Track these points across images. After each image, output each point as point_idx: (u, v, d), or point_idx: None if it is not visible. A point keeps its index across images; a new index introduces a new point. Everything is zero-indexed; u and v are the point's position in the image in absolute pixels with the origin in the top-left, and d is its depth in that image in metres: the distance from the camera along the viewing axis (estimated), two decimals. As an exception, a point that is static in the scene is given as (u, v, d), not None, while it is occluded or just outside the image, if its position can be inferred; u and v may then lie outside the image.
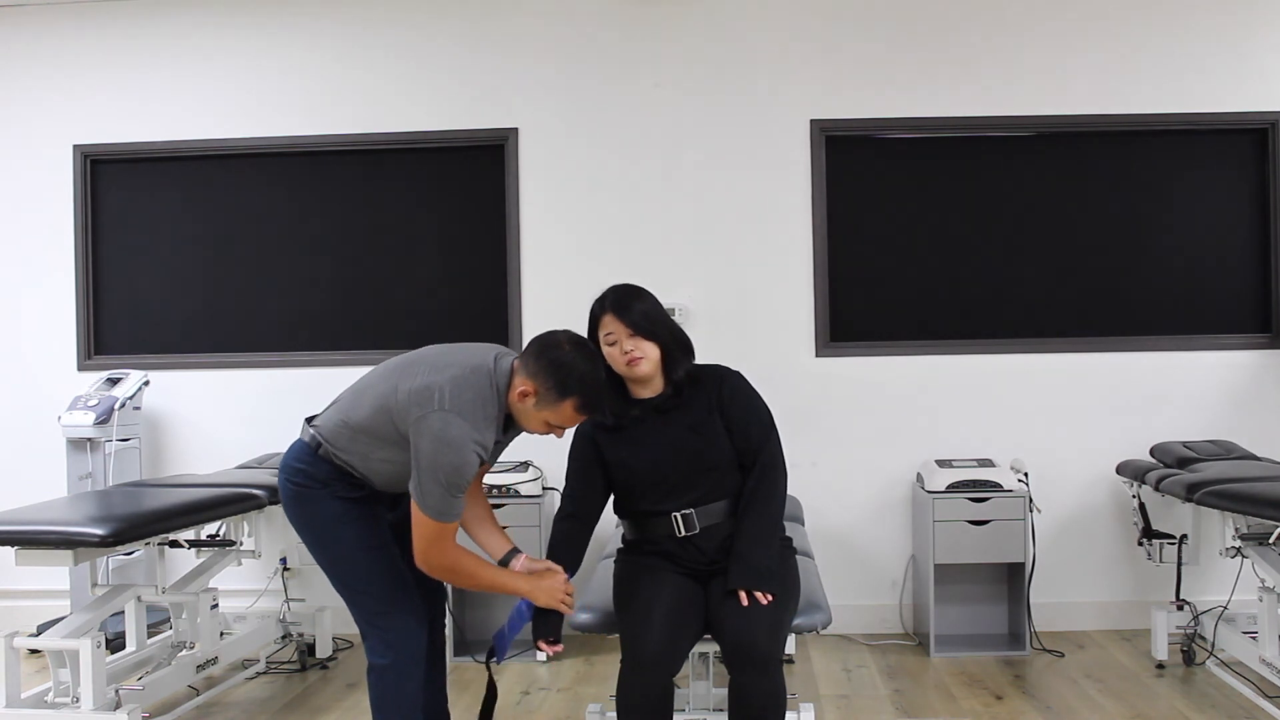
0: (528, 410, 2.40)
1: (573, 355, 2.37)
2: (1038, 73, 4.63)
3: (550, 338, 2.41)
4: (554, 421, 2.42)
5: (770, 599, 2.45)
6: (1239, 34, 4.60)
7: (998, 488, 4.15)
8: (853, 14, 4.69)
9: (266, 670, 4.11)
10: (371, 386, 2.49)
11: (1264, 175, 4.64)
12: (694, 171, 4.71)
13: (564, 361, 2.35)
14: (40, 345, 4.91)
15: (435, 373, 2.38)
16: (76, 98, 4.91)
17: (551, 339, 2.41)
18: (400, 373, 2.44)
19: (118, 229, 4.94)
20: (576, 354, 2.38)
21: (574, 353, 2.38)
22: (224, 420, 4.81)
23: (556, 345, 2.38)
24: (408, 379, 2.40)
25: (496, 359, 2.44)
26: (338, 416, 2.50)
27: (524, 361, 2.40)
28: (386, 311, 4.84)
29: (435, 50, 4.79)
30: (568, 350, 2.37)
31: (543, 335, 2.43)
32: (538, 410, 2.39)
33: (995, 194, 4.69)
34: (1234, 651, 3.68)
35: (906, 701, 3.68)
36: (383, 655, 2.52)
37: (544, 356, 2.37)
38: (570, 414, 2.40)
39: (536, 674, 4.05)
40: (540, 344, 2.41)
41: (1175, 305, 4.65)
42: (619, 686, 2.42)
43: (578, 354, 2.38)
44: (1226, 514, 3.56)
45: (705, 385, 2.64)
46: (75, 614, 3.33)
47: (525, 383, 2.38)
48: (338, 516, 2.49)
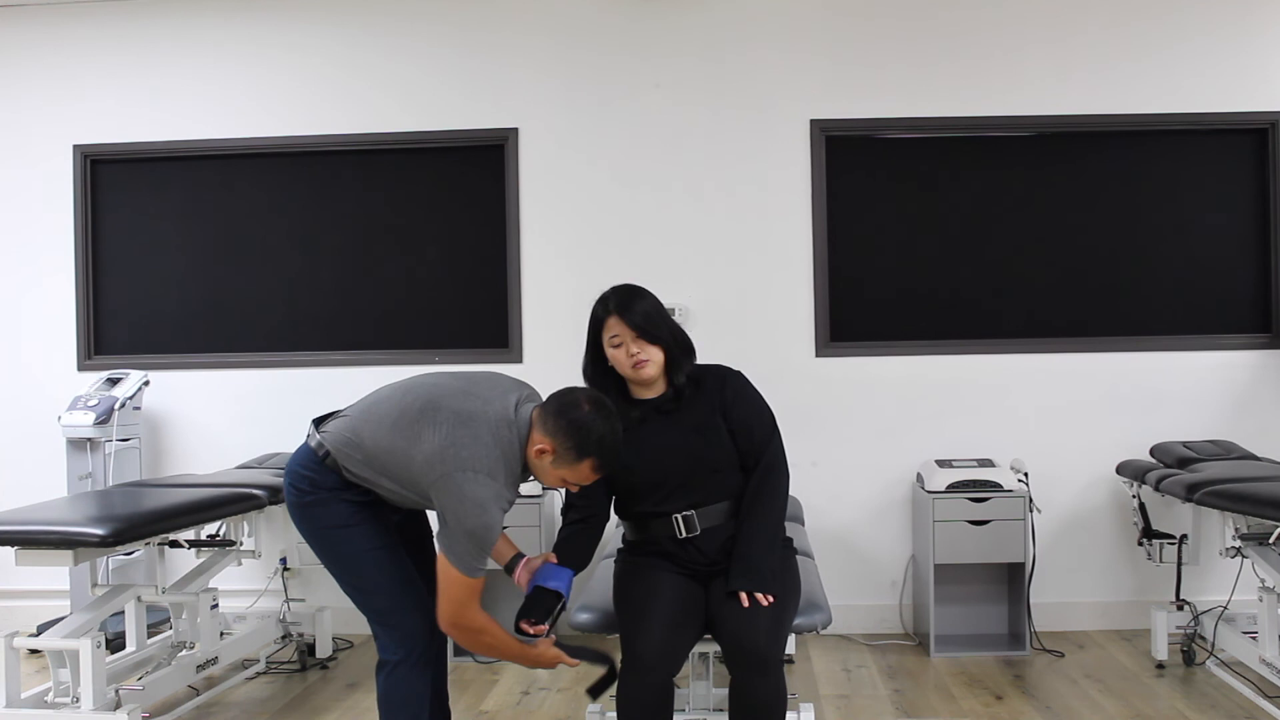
0: (544, 466, 2.40)
1: (592, 416, 2.35)
2: (1038, 73, 4.64)
3: (570, 396, 2.40)
4: (570, 479, 2.42)
5: (771, 600, 2.45)
6: (1239, 34, 4.60)
7: (998, 488, 4.15)
8: (853, 14, 4.69)
9: (266, 670, 4.11)
10: (390, 421, 2.43)
11: (1264, 175, 4.64)
12: (694, 171, 4.71)
13: (583, 423, 2.34)
14: (40, 345, 4.91)
15: (461, 426, 2.34)
16: (76, 98, 4.91)
17: (571, 398, 2.39)
18: (421, 417, 2.39)
19: (118, 229, 4.94)
20: (596, 415, 2.36)
21: (593, 413, 2.36)
22: (224, 420, 4.81)
23: (576, 405, 2.37)
24: (430, 428, 2.36)
25: (518, 407, 2.42)
26: (348, 434, 2.46)
27: (543, 419, 2.38)
28: (387, 311, 4.85)
29: (435, 51, 4.79)
30: (587, 410, 2.36)
31: (563, 393, 2.42)
32: (555, 468, 2.39)
33: (995, 194, 4.69)
34: (1234, 651, 3.68)
35: (906, 701, 3.68)
36: (393, 653, 2.53)
37: (563, 416, 2.35)
38: (587, 473, 2.40)
39: (536, 674, 4.05)
40: (560, 402, 2.39)
41: (1175, 305, 4.65)
42: (619, 686, 2.43)
43: (597, 414, 2.36)
44: (1226, 514, 3.56)
45: (707, 386, 2.63)
46: (75, 614, 3.33)
47: (544, 440, 2.37)
48: (344, 519, 2.48)
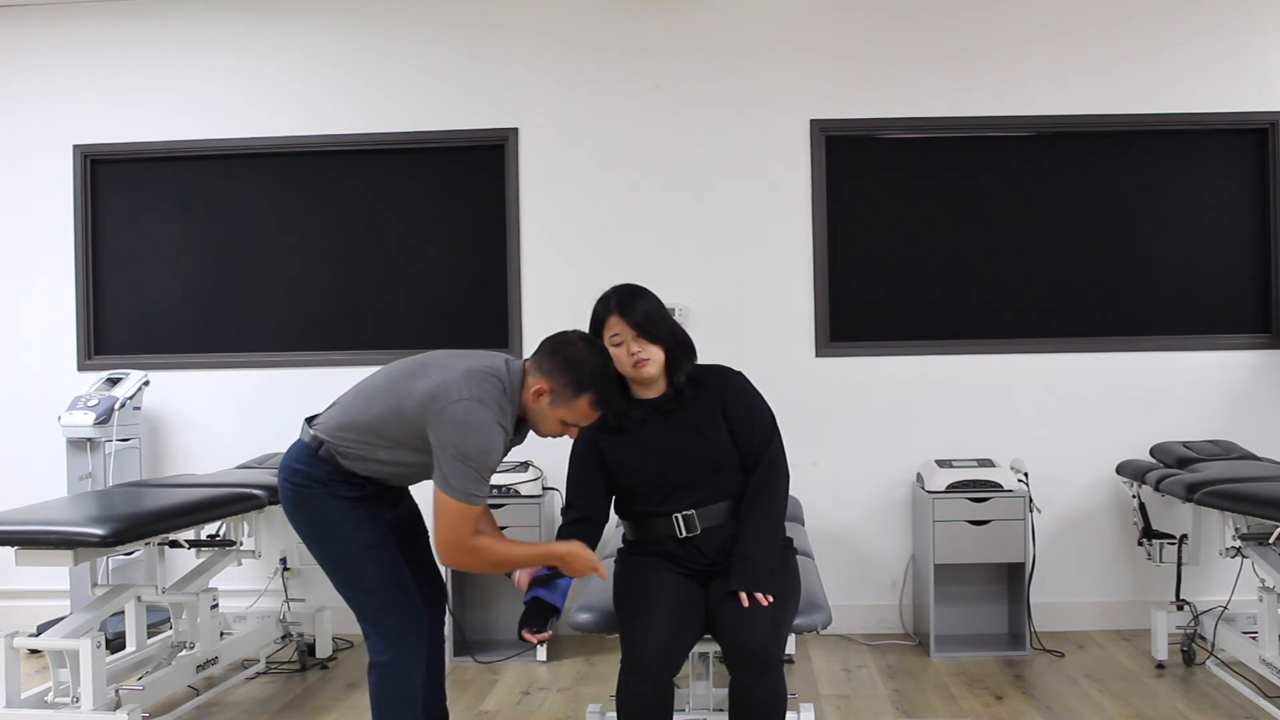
0: (542, 410, 2.43)
1: (586, 352, 2.41)
2: (1038, 73, 4.63)
3: (561, 336, 2.46)
4: (569, 419, 2.44)
5: (771, 600, 2.45)
6: (1239, 34, 4.60)
7: (998, 488, 4.15)
8: (853, 14, 4.69)
9: (266, 670, 4.11)
10: (379, 388, 2.50)
11: (1264, 175, 4.63)
12: (694, 171, 4.71)
13: (578, 358, 2.39)
14: (40, 345, 4.91)
15: (448, 371, 2.40)
16: (76, 98, 4.91)
17: (563, 338, 2.45)
18: (410, 374, 2.46)
19: (118, 229, 4.94)
20: (589, 351, 2.42)
21: (587, 349, 2.42)
22: (224, 420, 4.81)
23: (569, 343, 2.43)
24: (420, 379, 2.42)
25: (507, 362, 2.48)
26: (341, 417, 2.51)
27: (537, 361, 2.43)
28: (386, 311, 4.85)
29: (435, 50, 4.79)
30: (580, 347, 2.42)
31: (553, 335, 2.47)
32: (553, 408, 2.42)
33: (995, 194, 4.69)
34: (1234, 651, 3.68)
35: (906, 701, 3.68)
36: (384, 653, 2.53)
37: (558, 354, 2.40)
38: (586, 410, 2.42)
39: (536, 674, 4.05)
40: (553, 343, 2.44)
41: (1175, 305, 4.65)
42: (619, 686, 2.42)
43: (590, 351, 2.43)
44: (1226, 514, 3.56)
45: (708, 386, 2.64)
46: (75, 614, 3.33)
47: (540, 381, 2.40)
48: (338, 516, 2.49)
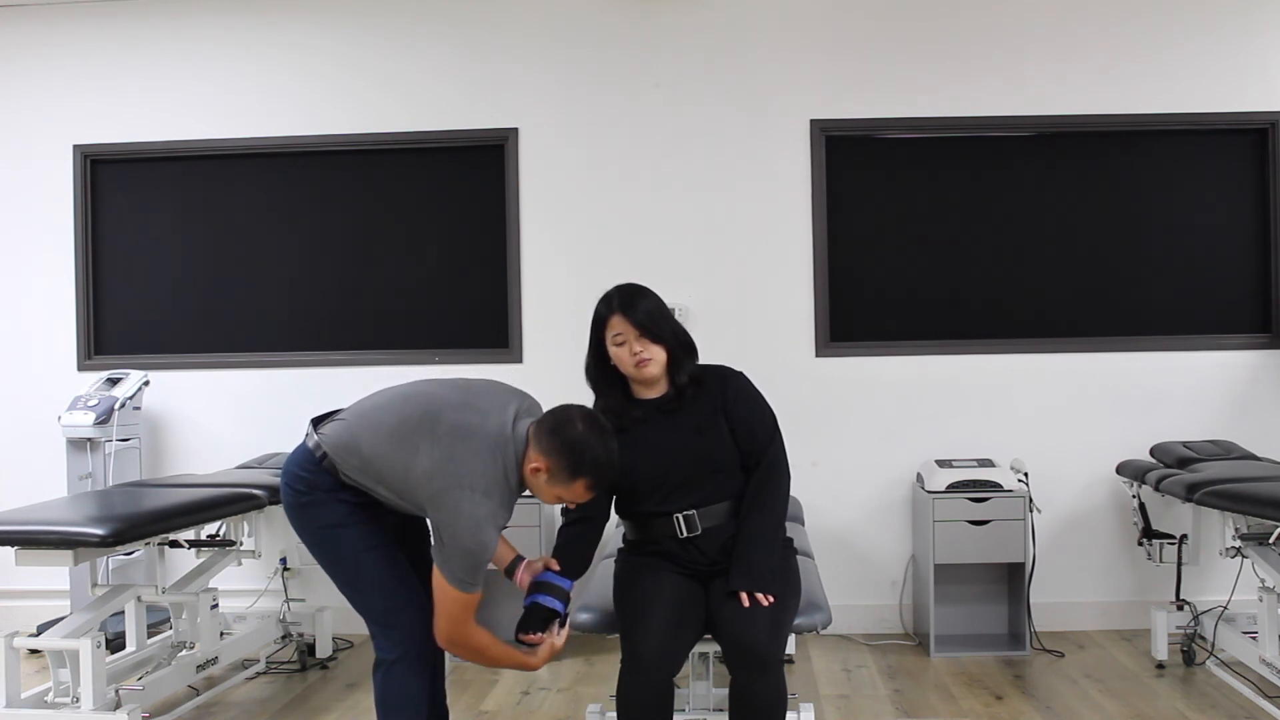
0: (540, 484, 2.41)
1: (585, 434, 2.36)
2: (1038, 73, 4.63)
3: (564, 414, 2.40)
4: (565, 497, 2.43)
5: (771, 600, 2.45)
6: (1239, 34, 4.60)
7: (998, 488, 4.15)
8: (853, 14, 4.68)
9: (266, 670, 4.11)
10: (389, 430, 2.44)
11: (1264, 175, 4.63)
12: (694, 171, 4.71)
13: (577, 441, 2.35)
14: (40, 345, 4.91)
15: (459, 441, 2.35)
16: (76, 98, 4.91)
17: (565, 415, 2.39)
18: (420, 428, 2.40)
19: (118, 229, 4.94)
20: (590, 433, 2.36)
21: (587, 432, 2.36)
22: (224, 420, 4.81)
23: (570, 422, 2.37)
24: (429, 442, 2.37)
25: (516, 421, 2.42)
26: (346, 438, 2.47)
27: (538, 437, 2.39)
28: (387, 312, 4.84)
29: (435, 50, 4.79)
30: (581, 429, 2.36)
31: (557, 411, 2.42)
32: (550, 486, 2.40)
33: (995, 194, 4.69)
34: (1234, 651, 3.68)
35: (906, 701, 3.68)
36: (390, 651, 2.53)
37: (557, 435, 2.36)
38: (581, 492, 2.41)
39: (536, 674, 4.05)
40: (555, 420, 2.39)
41: (1175, 305, 4.65)
42: (619, 686, 2.42)
43: (590, 433, 2.36)
44: (1226, 514, 3.56)
45: (709, 386, 2.63)
46: (75, 614, 3.33)
47: (538, 459, 2.37)
48: (340, 519, 2.49)
